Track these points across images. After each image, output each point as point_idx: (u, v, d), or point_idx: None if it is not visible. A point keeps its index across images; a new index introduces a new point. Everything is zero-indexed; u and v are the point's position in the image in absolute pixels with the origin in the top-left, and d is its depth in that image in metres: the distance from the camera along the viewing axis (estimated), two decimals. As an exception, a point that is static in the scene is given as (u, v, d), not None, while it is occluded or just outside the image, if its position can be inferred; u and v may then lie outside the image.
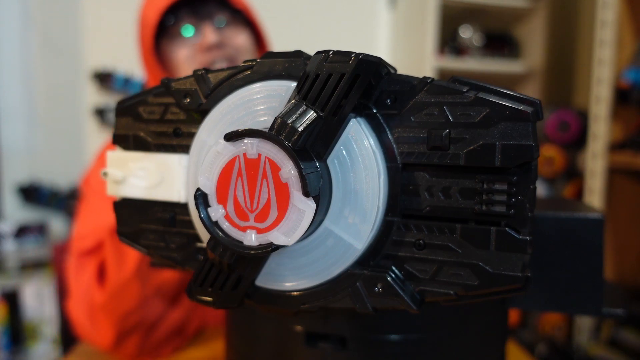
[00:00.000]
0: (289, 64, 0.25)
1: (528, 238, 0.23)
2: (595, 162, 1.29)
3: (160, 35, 0.76)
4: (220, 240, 0.24)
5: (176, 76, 0.70)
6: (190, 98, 0.28)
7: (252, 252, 0.23)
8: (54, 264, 1.34)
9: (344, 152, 0.24)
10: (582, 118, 1.47)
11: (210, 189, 0.24)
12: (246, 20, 0.80)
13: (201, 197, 0.24)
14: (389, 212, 0.25)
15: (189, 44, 0.75)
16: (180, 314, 0.67)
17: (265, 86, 0.26)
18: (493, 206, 0.23)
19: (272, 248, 0.23)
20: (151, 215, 0.30)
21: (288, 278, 0.26)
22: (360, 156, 0.24)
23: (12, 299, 1.30)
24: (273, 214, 0.23)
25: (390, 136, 0.25)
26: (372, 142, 0.24)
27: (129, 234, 0.30)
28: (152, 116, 0.29)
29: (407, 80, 0.24)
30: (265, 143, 0.23)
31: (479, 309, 0.31)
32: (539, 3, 1.58)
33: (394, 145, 0.24)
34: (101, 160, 0.79)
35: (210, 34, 0.73)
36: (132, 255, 0.62)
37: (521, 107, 0.22)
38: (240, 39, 0.78)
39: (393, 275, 0.25)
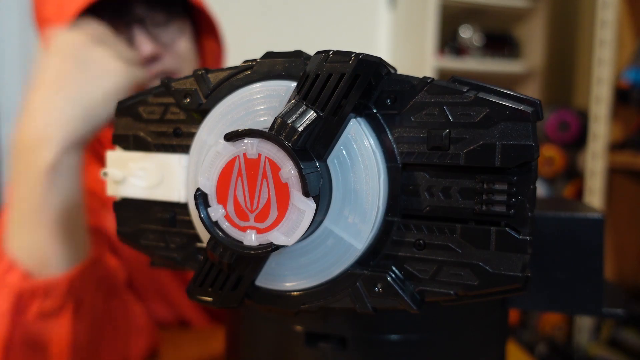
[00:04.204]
0: (289, 64, 0.25)
1: (528, 238, 0.23)
2: (595, 162, 1.30)
3: None
4: (220, 240, 0.24)
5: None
6: (190, 98, 0.28)
7: (252, 252, 0.23)
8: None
9: (344, 152, 0.24)
10: (582, 118, 1.47)
11: (210, 189, 0.24)
12: (181, 9, 0.62)
13: (201, 197, 0.24)
14: (389, 212, 0.25)
15: None
16: None
17: (265, 86, 0.26)
18: (493, 206, 0.23)
19: (272, 248, 0.23)
20: (151, 215, 0.30)
21: (288, 278, 0.26)
22: (360, 156, 0.24)
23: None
24: (273, 214, 0.23)
25: (390, 136, 0.25)
26: (372, 142, 0.24)
27: (128, 234, 0.30)
28: (152, 116, 0.29)
29: (407, 80, 0.24)
30: (265, 143, 0.23)
31: (479, 309, 0.31)
32: (539, 3, 1.58)
33: (394, 145, 0.24)
34: None
35: (143, 44, 0.57)
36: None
37: (521, 107, 0.22)
38: (182, 45, 0.61)
39: (393, 275, 0.25)
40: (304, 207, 0.22)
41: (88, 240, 0.50)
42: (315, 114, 0.23)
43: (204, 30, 0.67)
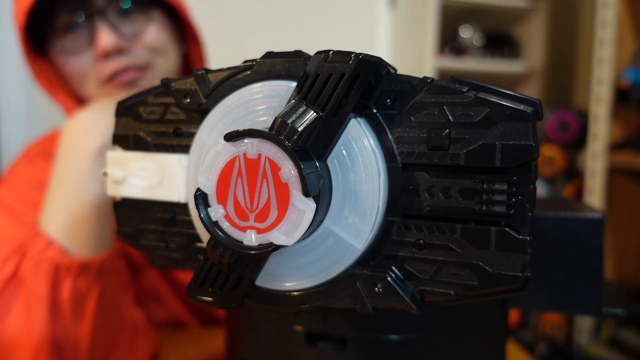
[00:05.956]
0: (289, 64, 0.25)
1: (528, 238, 0.23)
2: (595, 162, 1.30)
3: (46, 38, 0.59)
4: (220, 240, 0.24)
5: (74, 89, 0.61)
6: (190, 98, 0.28)
7: (252, 252, 0.23)
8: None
9: (344, 152, 0.24)
10: (582, 118, 1.47)
11: (210, 189, 0.24)
12: (149, 1, 0.60)
13: (201, 197, 0.24)
14: (389, 212, 0.25)
15: (76, 51, 0.57)
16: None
17: (265, 86, 0.26)
18: (493, 206, 0.23)
19: (272, 248, 0.23)
20: (151, 215, 0.30)
21: (288, 278, 0.26)
22: (360, 156, 0.24)
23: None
24: (273, 214, 0.23)
25: (390, 136, 0.25)
26: (372, 142, 0.24)
27: (128, 234, 0.31)
28: (152, 116, 0.29)
29: (407, 80, 0.24)
30: (265, 143, 0.23)
31: (479, 309, 0.31)
32: (539, 3, 1.58)
33: (394, 145, 0.24)
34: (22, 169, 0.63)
35: (104, 36, 0.54)
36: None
37: (521, 107, 0.22)
38: (151, 35, 0.58)
39: (393, 275, 0.25)
40: (304, 207, 0.22)
41: (113, 232, 0.52)
42: (315, 114, 0.23)
43: (188, 36, 0.66)
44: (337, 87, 0.23)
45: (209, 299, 0.27)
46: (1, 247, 0.50)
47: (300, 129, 0.22)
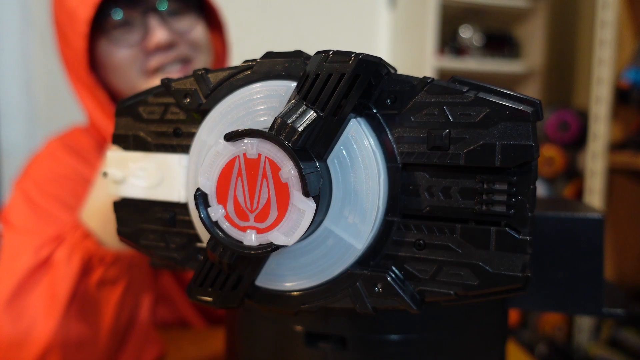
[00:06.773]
0: (289, 64, 0.25)
1: (528, 238, 0.23)
2: (595, 162, 1.29)
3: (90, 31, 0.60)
4: (220, 240, 0.24)
5: (112, 82, 0.62)
6: (190, 98, 0.28)
7: (252, 252, 0.23)
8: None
9: (344, 152, 0.24)
10: (582, 118, 1.47)
11: (210, 189, 0.24)
12: (196, 2, 0.64)
13: (201, 197, 0.24)
14: (389, 212, 0.25)
15: (129, 44, 0.59)
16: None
17: (265, 86, 0.26)
18: (493, 206, 0.23)
19: (272, 248, 0.23)
20: (151, 215, 0.30)
21: (288, 278, 0.26)
22: (360, 156, 0.24)
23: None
24: (273, 214, 0.23)
25: (390, 136, 0.25)
26: (372, 142, 0.24)
27: (128, 234, 0.31)
28: (152, 116, 0.29)
29: (407, 80, 0.24)
30: (265, 143, 0.23)
31: (479, 309, 0.31)
32: (539, 3, 1.58)
33: (394, 145, 0.24)
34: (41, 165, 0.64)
35: (158, 31, 0.58)
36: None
37: (521, 107, 0.22)
38: (197, 33, 0.63)
39: (393, 275, 0.25)
40: (304, 207, 0.22)
41: None
42: (315, 114, 0.23)
43: (212, 30, 0.69)
44: (337, 87, 0.23)
45: (209, 299, 0.27)
46: (25, 238, 0.52)
47: (300, 129, 0.22)
